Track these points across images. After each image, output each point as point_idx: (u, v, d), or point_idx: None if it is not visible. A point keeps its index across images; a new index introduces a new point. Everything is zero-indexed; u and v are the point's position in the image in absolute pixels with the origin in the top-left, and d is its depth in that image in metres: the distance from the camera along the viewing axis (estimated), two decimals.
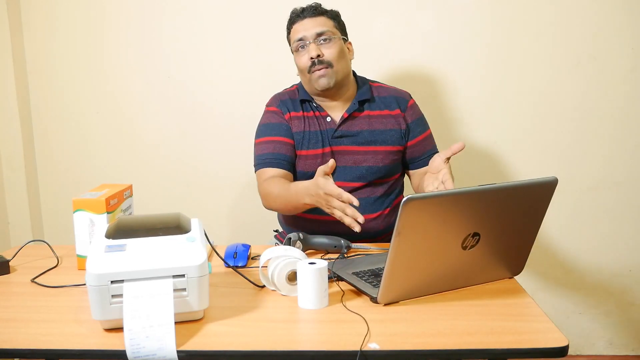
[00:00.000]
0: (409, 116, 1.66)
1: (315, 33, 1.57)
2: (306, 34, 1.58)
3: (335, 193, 1.26)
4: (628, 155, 2.13)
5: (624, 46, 2.06)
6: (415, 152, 1.67)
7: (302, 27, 1.59)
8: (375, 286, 1.12)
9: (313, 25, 1.58)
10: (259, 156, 1.62)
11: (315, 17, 1.59)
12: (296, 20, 1.61)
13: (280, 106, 1.65)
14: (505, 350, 0.92)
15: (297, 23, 1.61)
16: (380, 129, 1.63)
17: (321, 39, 1.57)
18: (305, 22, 1.59)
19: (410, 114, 1.66)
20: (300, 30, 1.59)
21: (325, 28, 1.58)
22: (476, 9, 2.07)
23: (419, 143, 1.66)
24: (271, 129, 1.63)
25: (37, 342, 0.96)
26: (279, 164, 1.58)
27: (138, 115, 2.21)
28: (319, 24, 1.59)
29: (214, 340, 0.96)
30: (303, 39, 1.58)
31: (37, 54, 2.20)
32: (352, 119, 1.63)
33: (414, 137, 1.66)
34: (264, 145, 1.62)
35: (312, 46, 1.56)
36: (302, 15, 1.60)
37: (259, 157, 1.62)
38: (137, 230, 1.06)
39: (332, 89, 1.59)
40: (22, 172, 2.21)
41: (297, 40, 1.59)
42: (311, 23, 1.59)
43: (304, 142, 1.61)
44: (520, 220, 1.12)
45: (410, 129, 1.65)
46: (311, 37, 1.57)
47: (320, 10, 1.61)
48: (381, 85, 1.71)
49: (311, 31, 1.58)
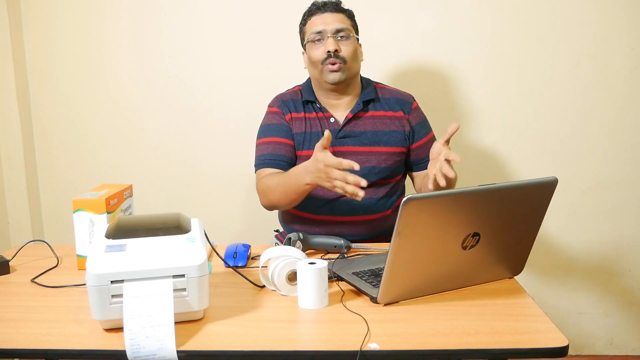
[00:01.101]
0: (413, 119, 1.67)
1: (335, 28, 1.58)
2: (326, 28, 1.58)
3: (334, 162, 1.26)
4: (628, 155, 2.13)
5: (624, 46, 2.06)
6: (420, 154, 1.67)
7: (322, 20, 1.60)
8: (375, 286, 1.12)
9: (333, 21, 1.59)
10: (259, 156, 1.63)
11: (336, 13, 1.61)
12: (316, 13, 1.62)
13: (281, 107, 1.66)
14: (505, 350, 0.92)
15: (316, 15, 1.61)
16: (384, 130, 1.63)
17: (339, 35, 1.58)
18: (326, 16, 1.60)
19: (414, 117, 1.67)
20: (320, 24, 1.59)
21: (345, 25, 1.60)
22: (476, 9, 2.07)
23: (424, 145, 1.66)
24: (272, 129, 1.64)
25: (37, 342, 0.96)
26: (277, 165, 1.58)
27: (138, 115, 2.21)
28: (339, 20, 1.60)
29: (214, 340, 0.96)
30: (322, 32, 1.58)
31: (37, 54, 2.20)
32: (356, 119, 1.63)
33: (419, 139, 1.66)
34: (264, 146, 1.62)
35: (330, 40, 1.57)
36: (324, 8, 1.61)
37: (259, 157, 1.63)
38: (137, 230, 1.06)
39: (341, 84, 1.60)
40: (22, 172, 2.21)
41: (316, 32, 1.59)
42: (332, 18, 1.59)
43: (305, 143, 1.61)
44: (520, 220, 1.12)
45: (415, 131, 1.66)
46: (330, 32, 1.57)
47: (341, 8, 1.63)
48: (384, 86, 1.72)
49: (331, 26, 1.58)
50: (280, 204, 1.55)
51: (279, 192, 1.49)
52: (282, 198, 1.50)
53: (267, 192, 1.54)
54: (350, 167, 1.25)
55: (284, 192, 1.47)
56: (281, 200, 1.52)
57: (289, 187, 1.45)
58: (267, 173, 1.57)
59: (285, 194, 1.48)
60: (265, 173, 1.58)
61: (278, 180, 1.50)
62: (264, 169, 1.59)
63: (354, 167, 1.24)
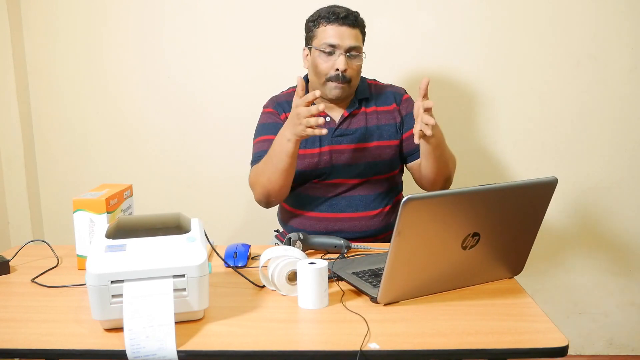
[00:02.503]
0: (404, 109, 1.66)
1: (349, 46, 1.54)
2: (340, 43, 1.53)
3: (300, 101, 1.34)
4: (628, 155, 2.12)
5: (624, 46, 2.06)
6: (410, 144, 1.64)
7: (338, 33, 1.54)
8: (375, 286, 1.12)
9: (349, 36, 1.54)
10: (255, 154, 1.64)
11: (353, 28, 1.55)
12: (334, 22, 1.54)
13: (275, 107, 1.68)
14: (505, 350, 0.92)
15: (333, 25, 1.54)
16: (376, 125, 1.63)
17: (350, 53, 1.54)
18: (343, 30, 1.54)
19: (404, 107, 1.67)
20: (335, 36, 1.54)
21: (358, 44, 1.56)
22: (476, 9, 2.07)
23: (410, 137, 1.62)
24: (267, 128, 1.65)
25: (37, 342, 0.96)
26: None
27: (138, 115, 2.21)
28: (354, 36, 1.55)
29: (214, 340, 0.96)
30: (336, 47, 1.54)
31: (37, 54, 2.20)
32: (351, 117, 1.64)
33: (408, 129, 1.64)
34: (260, 144, 1.63)
35: (342, 58, 1.53)
36: (343, 21, 1.54)
37: (255, 154, 1.64)
38: (137, 230, 1.06)
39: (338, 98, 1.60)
40: (22, 172, 2.21)
41: (328, 44, 1.54)
42: (348, 33, 1.54)
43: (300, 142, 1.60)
44: (520, 220, 1.12)
45: (405, 121, 1.65)
46: (344, 48, 1.53)
47: (359, 22, 1.58)
48: (378, 83, 1.73)
49: (347, 42, 1.53)
50: (272, 185, 1.51)
51: (268, 170, 1.50)
52: (272, 174, 1.49)
53: (257, 178, 1.55)
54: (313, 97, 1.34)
55: (272, 164, 1.48)
56: (271, 178, 1.49)
57: (275, 156, 1.47)
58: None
59: (274, 167, 1.48)
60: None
61: (264, 159, 1.52)
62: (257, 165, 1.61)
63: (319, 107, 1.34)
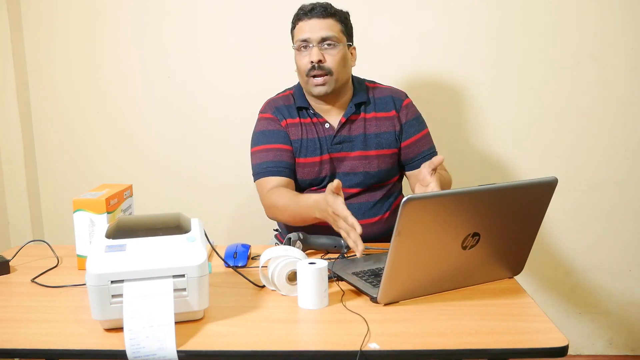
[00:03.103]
0: (403, 116, 1.62)
1: (321, 37, 1.51)
2: (311, 36, 1.51)
3: (342, 215, 1.20)
4: (628, 155, 2.12)
5: (624, 46, 2.06)
6: (409, 153, 1.62)
7: (309, 27, 1.52)
8: (375, 286, 1.12)
9: (320, 28, 1.51)
10: (259, 165, 1.57)
11: (324, 19, 1.52)
12: (303, 18, 1.53)
13: (275, 113, 1.61)
14: (505, 350, 0.92)
15: (303, 21, 1.53)
16: (375, 132, 1.59)
17: (325, 44, 1.51)
18: (312, 22, 1.52)
19: (404, 114, 1.62)
20: (306, 30, 1.52)
21: (332, 33, 1.52)
22: (476, 9, 2.07)
23: (413, 144, 1.62)
24: (269, 136, 1.58)
25: (37, 342, 0.96)
26: (280, 172, 1.54)
27: (138, 115, 2.21)
28: (326, 27, 1.52)
29: (214, 340, 0.96)
30: (307, 40, 1.52)
31: (37, 54, 2.20)
32: (350, 123, 1.59)
33: (408, 137, 1.61)
34: (263, 154, 1.57)
35: (314, 50, 1.50)
36: (310, 14, 1.52)
37: (259, 165, 1.57)
38: (137, 230, 1.06)
39: (329, 95, 1.56)
40: (22, 172, 2.21)
41: (301, 40, 1.53)
42: (318, 25, 1.51)
43: (302, 150, 1.58)
44: (520, 220, 1.12)
45: (404, 129, 1.61)
46: (315, 40, 1.51)
47: (330, 12, 1.53)
48: (377, 85, 1.68)
49: (317, 34, 1.51)
50: (286, 222, 1.55)
51: (287, 215, 1.48)
52: (290, 220, 1.50)
53: (274, 210, 1.51)
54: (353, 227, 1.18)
55: (292, 216, 1.46)
56: (287, 221, 1.52)
57: (298, 214, 1.43)
58: (272, 185, 1.52)
59: (294, 219, 1.47)
60: (270, 184, 1.53)
61: (287, 203, 1.46)
62: (267, 179, 1.54)
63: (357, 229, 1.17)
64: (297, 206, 1.43)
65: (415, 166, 1.61)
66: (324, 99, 1.59)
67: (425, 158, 1.58)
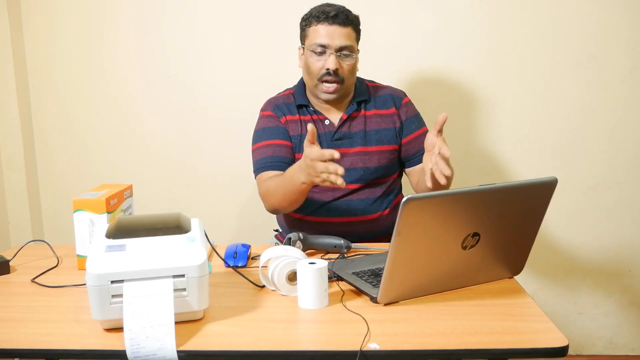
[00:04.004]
0: (403, 113, 1.65)
1: (340, 45, 1.52)
2: (331, 43, 1.51)
3: (317, 155, 1.24)
4: (628, 155, 2.12)
5: (624, 46, 2.06)
6: (410, 150, 1.64)
7: (328, 32, 1.52)
8: (375, 286, 1.12)
9: (340, 35, 1.52)
10: (259, 161, 1.59)
11: (345, 27, 1.52)
12: (324, 22, 1.52)
13: (275, 110, 1.63)
14: (505, 350, 0.92)
15: (323, 24, 1.52)
16: (375, 129, 1.62)
17: (343, 53, 1.53)
18: (333, 29, 1.52)
19: (404, 112, 1.65)
20: (325, 36, 1.52)
21: (349, 42, 1.53)
22: (476, 9, 2.07)
23: (413, 140, 1.64)
24: (268, 133, 1.61)
25: (37, 342, 0.96)
26: (279, 167, 1.55)
27: (138, 115, 2.21)
28: (345, 35, 1.52)
29: (214, 340, 0.96)
30: (326, 46, 1.52)
31: (37, 54, 2.20)
32: (350, 120, 1.62)
33: (408, 134, 1.64)
34: (263, 150, 1.59)
35: (332, 58, 1.51)
36: (333, 20, 1.51)
37: (259, 161, 1.59)
38: (137, 230, 1.06)
39: (334, 100, 1.59)
40: (22, 172, 2.21)
41: (319, 44, 1.52)
42: (338, 32, 1.52)
43: (300, 146, 1.59)
44: (520, 220, 1.12)
45: (404, 126, 1.64)
46: (334, 48, 1.51)
47: (351, 19, 1.54)
48: (376, 84, 1.71)
49: (337, 41, 1.51)
50: (282, 206, 1.52)
51: (278, 195, 1.48)
52: (283, 200, 1.48)
53: (268, 196, 1.52)
54: (331, 156, 1.24)
55: (283, 193, 1.46)
56: (282, 203, 1.50)
57: (287, 188, 1.43)
58: (269, 176, 1.55)
59: (285, 195, 1.46)
60: (267, 176, 1.55)
61: (276, 182, 1.48)
62: (266, 172, 1.56)
63: (335, 155, 1.23)
64: (284, 180, 1.44)
65: (414, 162, 1.64)
66: (328, 102, 1.61)
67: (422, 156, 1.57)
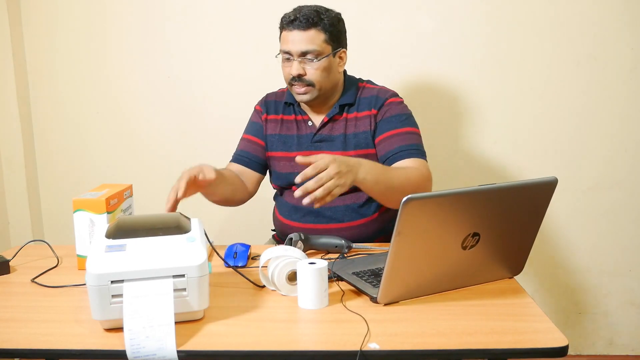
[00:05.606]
0: (381, 114, 1.55)
1: (301, 50, 1.48)
2: (292, 49, 1.49)
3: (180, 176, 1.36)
4: (628, 155, 2.12)
5: (624, 46, 2.06)
6: (381, 150, 1.54)
7: (290, 38, 1.49)
8: (375, 286, 1.12)
9: (300, 40, 1.48)
10: (235, 151, 1.69)
11: (305, 31, 1.47)
12: (286, 27, 1.50)
13: (262, 106, 1.68)
14: (505, 350, 0.92)
15: (286, 30, 1.51)
16: (353, 132, 1.56)
17: (307, 57, 1.49)
18: (293, 34, 1.48)
19: (383, 112, 1.55)
20: (288, 42, 1.50)
21: (312, 46, 1.48)
22: (476, 9, 2.07)
23: (382, 141, 1.54)
24: (250, 127, 1.69)
25: (37, 342, 0.96)
26: (241, 161, 1.65)
27: (138, 115, 2.21)
28: (307, 40, 1.48)
29: (214, 340, 0.96)
30: (289, 52, 1.50)
31: (37, 53, 2.20)
32: (332, 122, 1.58)
33: (379, 134, 1.54)
34: (241, 142, 1.69)
35: (295, 64, 1.49)
36: (292, 25, 1.48)
37: (235, 152, 1.69)
38: (137, 230, 1.06)
39: (314, 101, 1.56)
40: (22, 172, 2.21)
41: (284, 51, 1.52)
42: (299, 37, 1.48)
43: (277, 144, 1.62)
44: (520, 220, 1.12)
45: (378, 127, 1.55)
46: (296, 54, 1.49)
47: (313, 21, 1.48)
48: (368, 85, 1.64)
49: (297, 46, 1.48)
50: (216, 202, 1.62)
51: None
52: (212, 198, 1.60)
53: None
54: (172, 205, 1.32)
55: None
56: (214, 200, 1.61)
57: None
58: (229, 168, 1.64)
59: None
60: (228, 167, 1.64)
61: None
62: (231, 164, 1.66)
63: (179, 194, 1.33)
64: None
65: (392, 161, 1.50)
66: (308, 103, 1.59)
67: (400, 154, 1.50)
